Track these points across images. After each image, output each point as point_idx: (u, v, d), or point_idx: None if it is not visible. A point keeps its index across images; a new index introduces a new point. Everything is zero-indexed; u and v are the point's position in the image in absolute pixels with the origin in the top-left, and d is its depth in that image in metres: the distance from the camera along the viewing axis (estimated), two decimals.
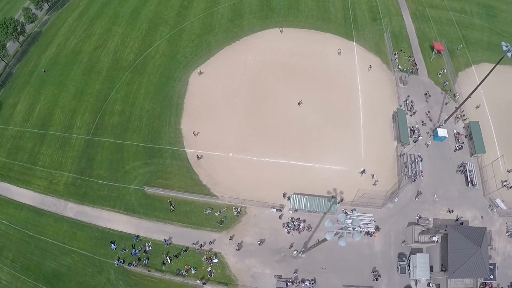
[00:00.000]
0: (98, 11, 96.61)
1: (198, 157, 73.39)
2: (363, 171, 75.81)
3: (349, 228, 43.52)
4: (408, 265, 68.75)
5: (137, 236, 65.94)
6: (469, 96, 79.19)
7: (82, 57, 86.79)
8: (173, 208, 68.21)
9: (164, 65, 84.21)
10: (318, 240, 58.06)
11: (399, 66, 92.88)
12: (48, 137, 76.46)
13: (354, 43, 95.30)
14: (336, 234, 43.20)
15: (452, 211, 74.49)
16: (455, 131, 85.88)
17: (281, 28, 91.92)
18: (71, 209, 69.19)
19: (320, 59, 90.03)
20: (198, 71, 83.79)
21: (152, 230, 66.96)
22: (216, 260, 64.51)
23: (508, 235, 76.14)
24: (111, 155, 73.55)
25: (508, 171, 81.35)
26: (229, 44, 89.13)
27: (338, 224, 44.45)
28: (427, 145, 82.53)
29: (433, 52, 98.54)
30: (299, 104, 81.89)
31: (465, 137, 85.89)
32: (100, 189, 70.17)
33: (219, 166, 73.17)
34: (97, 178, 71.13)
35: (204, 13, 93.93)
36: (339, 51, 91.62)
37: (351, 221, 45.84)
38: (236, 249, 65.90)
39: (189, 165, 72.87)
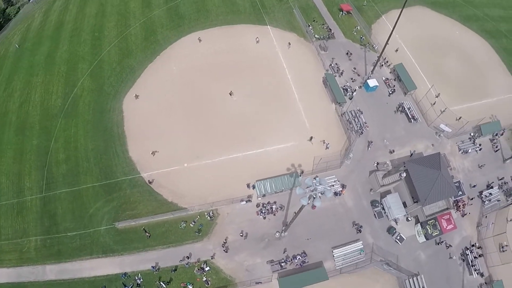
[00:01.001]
0: (12, 67, 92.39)
1: (149, 182, 73.12)
2: (311, 138, 79.48)
3: (319, 189, 46.02)
4: (383, 209, 73.57)
5: (125, 273, 64.81)
6: (386, 43, 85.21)
7: (10, 117, 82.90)
8: (149, 235, 67.72)
9: (94, 100, 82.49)
10: (295, 212, 60.63)
11: (316, 36, 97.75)
12: (2, 208, 72.47)
13: (268, 26, 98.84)
14: (309, 197, 45.53)
15: (394, 151, 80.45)
16: (384, 78, 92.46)
17: (199, 37, 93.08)
18: (51, 271, 66.18)
19: (241, 51, 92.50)
20: (134, 95, 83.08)
21: (136, 262, 66.05)
22: (208, 268, 65.20)
23: (461, 153, 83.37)
24: (71, 204, 71.12)
25: (436, 96, 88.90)
26: (150, 61, 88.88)
27: (308, 188, 46.87)
28: (356, 90, 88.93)
29: (342, 14, 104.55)
30: (230, 94, 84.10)
31: (395, 80, 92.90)
32: (72, 241, 67.84)
33: (178, 179, 73.42)
34: (65, 232, 68.71)
35: (117, 39, 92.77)
36: (257, 39, 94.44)
37: (318, 182, 48.30)
38: (224, 251, 67.07)
39: (150, 188, 72.40)
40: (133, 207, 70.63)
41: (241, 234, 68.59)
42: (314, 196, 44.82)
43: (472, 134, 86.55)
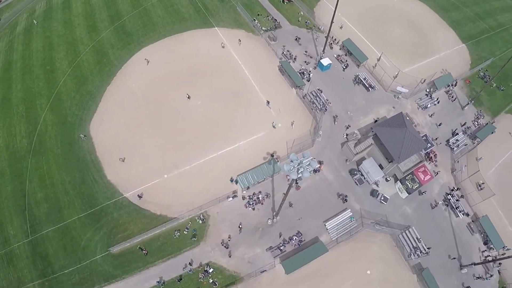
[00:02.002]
0: None
1: (139, 197, 73.22)
2: (274, 124, 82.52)
3: (304, 162, 47.98)
4: (362, 175, 76.78)
5: None
6: (332, 22, 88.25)
7: None
8: (146, 252, 67.79)
9: (60, 133, 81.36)
10: (283, 193, 62.46)
11: (263, 28, 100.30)
12: None
13: (216, 28, 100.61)
14: (297, 170, 47.43)
15: (349, 126, 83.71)
16: (335, 55, 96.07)
17: (146, 59, 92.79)
18: None
19: (195, 56, 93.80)
20: (101, 118, 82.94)
21: (140, 281, 65.95)
22: (211, 270, 66.16)
23: (421, 109, 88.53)
24: (61, 241, 69.80)
25: (378, 59, 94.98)
26: (108, 83, 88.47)
27: (295, 162, 48.73)
28: (311, 71, 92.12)
29: (284, 3, 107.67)
30: (188, 97, 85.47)
31: (346, 55, 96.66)
32: (70, 278, 66.54)
33: (161, 192, 73.82)
34: (61, 270, 67.24)
35: (70, 68, 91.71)
36: (222, 45, 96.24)
37: (302, 158, 50.36)
38: (224, 247, 68.27)
39: (136, 206, 72.40)
40: (124, 228, 70.42)
41: (240, 226, 70.27)
42: (302, 168, 46.58)
43: (427, 90, 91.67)
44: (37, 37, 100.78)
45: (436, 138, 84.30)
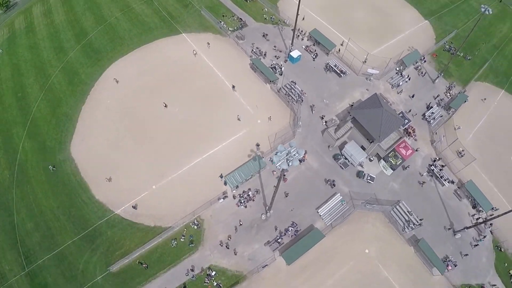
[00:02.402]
0: None
1: (134, 208, 73.03)
2: (239, 117, 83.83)
3: (292, 151, 48.81)
4: (346, 159, 78.38)
5: None
6: (297, 15, 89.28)
7: None
8: (146, 265, 67.65)
9: (41, 159, 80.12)
10: (274, 186, 63.21)
11: (230, 29, 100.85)
12: None
13: (183, 34, 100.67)
14: (287, 160, 48.32)
15: (324, 116, 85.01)
16: (304, 46, 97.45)
17: (115, 79, 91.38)
18: None
19: (166, 64, 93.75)
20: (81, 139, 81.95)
21: None
22: (214, 273, 66.63)
23: (394, 88, 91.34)
24: (58, 268, 68.81)
25: (341, 44, 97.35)
26: (83, 103, 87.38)
27: (283, 152, 49.38)
28: (282, 65, 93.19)
29: (247, 1, 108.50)
30: (165, 106, 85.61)
31: (314, 45, 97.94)
32: None
33: (153, 203, 73.73)
34: None
35: (42, 92, 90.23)
36: (194, 52, 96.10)
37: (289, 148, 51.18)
38: (226, 247, 68.83)
39: (129, 221, 72.10)
40: (120, 245, 70.04)
41: (240, 223, 71.04)
42: (291, 158, 47.51)
43: (397, 68, 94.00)
44: (4, 65, 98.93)
45: (410, 110, 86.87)
